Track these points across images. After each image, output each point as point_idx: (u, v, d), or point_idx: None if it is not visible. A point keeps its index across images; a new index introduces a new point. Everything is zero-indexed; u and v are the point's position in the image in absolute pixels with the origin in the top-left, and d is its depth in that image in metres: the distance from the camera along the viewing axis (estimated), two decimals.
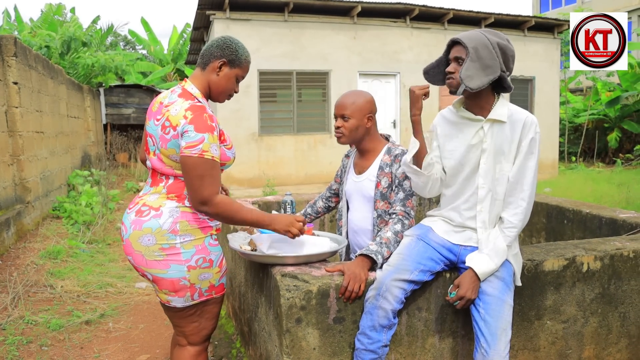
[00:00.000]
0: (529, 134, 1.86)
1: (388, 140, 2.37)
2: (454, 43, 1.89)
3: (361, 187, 2.32)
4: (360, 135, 2.28)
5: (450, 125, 2.00)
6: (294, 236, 1.91)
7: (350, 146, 2.53)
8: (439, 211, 2.05)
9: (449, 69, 1.89)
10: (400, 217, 2.12)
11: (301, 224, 1.92)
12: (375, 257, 1.90)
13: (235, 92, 1.98)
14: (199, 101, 1.84)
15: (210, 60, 1.88)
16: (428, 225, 2.02)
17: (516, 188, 1.87)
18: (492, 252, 1.82)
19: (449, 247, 1.93)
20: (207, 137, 1.74)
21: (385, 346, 1.80)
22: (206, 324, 1.98)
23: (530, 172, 1.86)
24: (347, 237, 2.40)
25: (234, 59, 1.87)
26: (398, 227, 2.07)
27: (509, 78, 1.87)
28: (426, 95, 1.92)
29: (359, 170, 2.36)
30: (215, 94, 1.93)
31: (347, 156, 2.56)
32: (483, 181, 1.90)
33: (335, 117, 2.30)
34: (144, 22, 19.70)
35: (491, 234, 1.87)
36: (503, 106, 1.90)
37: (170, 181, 1.86)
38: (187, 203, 1.83)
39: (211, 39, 1.92)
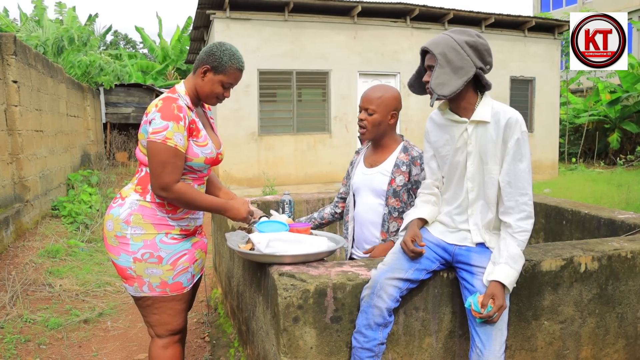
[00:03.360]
0: (514, 135, 1.78)
1: (402, 138, 2.39)
2: (424, 51, 1.86)
3: (372, 180, 2.32)
4: (382, 131, 2.30)
5: (439, 130, 1.97)
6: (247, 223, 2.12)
7: (362, 143, 2.53)
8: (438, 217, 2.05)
9: (424, 78, 1.87)
10: None
11: (251, 218, 2.11)
12: None
13: (226, 97, 2.03)
14: (178, 96, 1.93)
15: (198, 65, 1.96)
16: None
17: (513, 192, 1.80)
18: (510, 260, 1.77)
19: (444, 247, 1.93)
20: (172, 125, 1.82)
21: (382, 344, 1.80)
22: (169, 319, 2.02)
23: (524, 175, 1.80)
24: (354, 232, 2.41)
25: (217, 65, 1.93)
26: None
27: (486, 75, 1.83)
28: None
29: (371, 164, 2.36)
30: (202, 97, 2.01)
31: (357, 152, 2.56)
32: (472, 184, 1.89)
33: (360, 110, 2.29)
34: (159, 18, 19.92)
35: (502, 244, 1.82)
36: (486, 105, 1.85)
37: (142, 173, 1.97)
38: (148, 198, 1.93)
39: (210, 40, 1.96)
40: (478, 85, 1.87)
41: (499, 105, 1.85)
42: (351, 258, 2.41)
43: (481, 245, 1.89)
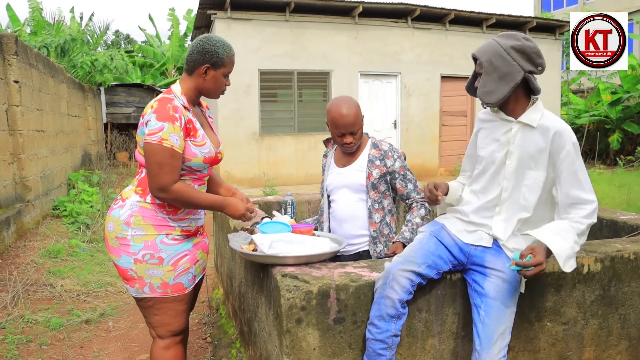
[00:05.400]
0: (565, 146, 1.79)
1: (368, 136, 2.55)
2: (474, 58, 1.88)
3: (347, 177, 2.46)
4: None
5: (487, 124, 1.99)
6: (246, 220, 2.08)
7: (326, 146, 2.70)
8: (460, 207, 2.04)
9: (476, 84, 1.90)
10: (421, 203, 2.46)
11: (249, 214, 2.06)
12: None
13: (227, 86, 2.04)
14: (174, 97, 1.91)
15: (195, 67, 1.94)
16: (442, 222, 2.03)
17: (575, 203, 1.81)
18: (560, 230, 1.75)
19: (461, 247, 1.93)
20: (167, 126, 1.82)
21: (395, 336, 1.79)
22: (171, 320, 2.02)
23: (582, 182, 1.81)
24: (329, 231, 2.53)
25: (217, 60, 1.93)
26: (422, 212, 2.44)
27: (535, 79, 1.82)
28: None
29: (343, 164, 2.50)
30: (207, 95, 2.02)
31: (325, 156, 2.70)
32: (507, 184, 1.88)
33: (343, 134, 2.37)
34: (151, 19, 19.91)
35: (549, 225, 1.81)
36: (537, 111, 1.85)
37: (142, 175, 1.96)
38: (148, 199, 1.93)
39: (194, 42, 1.95)
40: (528, 91, 1.87)
41: (550, 115, 1.87)
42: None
43: (496, 245, 1.89)
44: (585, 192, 1.82)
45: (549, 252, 1.71)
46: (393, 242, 2.36)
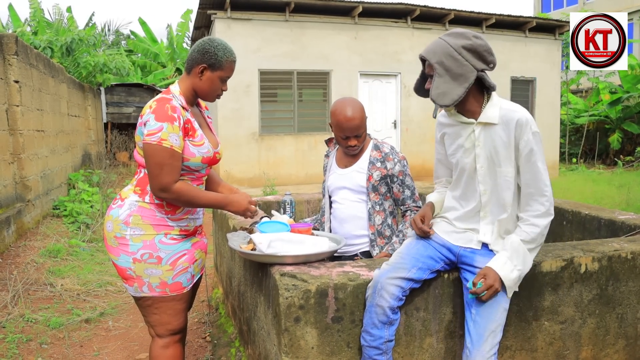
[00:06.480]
0: (524, 136, 1.75)
1: (370, 137, 2.54)
2: (423, 59, 1.83)
3: (349, 179, 2.45)
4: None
5: (449, 128, 1.96)
6: (250, 217, 2.10)
7: (328, 145, 2.69)
8: (443, 213, 2.04)
9: (426, 85, 1.85)
10: (415, 210, 2.43)
11: (254, 207, 2.07)
12: None
13: (224, 91, 2.04)
14: (172, 97, 1.92)
15: (193, 65, 1.95)
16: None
17: (532, 193, 1.80)
18: (513, 253, 1.78)
19: (449, 247, 1.93)
20: (166, 126, 1.82)
21: (389, 341, 1.81)
22: (169, 319, 2.03)
23: (540, 175, 1.78)
24: (330, 231, 2.52)
25: (214, 62, 1.93)
26: None
27: (489, 76, 1.79)
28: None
29: (345, 165, 2.50)
30: (202, 96, 2.02)
31: (326, 156, 2.69)
32: (484, 187, 1.87)
33: (348, 137, 2.37)
34: (142, 22, 19.79)
35: (507, 237, 1.83)
36: (494, 106, 1.81)
37: (141, 175, 1.97)
38: (147, 199, 1.94)
39: (197, 42, 1.97)
40: (483, 86, 1.83)
41: (508, 105, 1.82)
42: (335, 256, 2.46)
43: (486, 247, 1.90)
44: (543, 184, 1.79)
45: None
46: (381, 251, 2.36)
